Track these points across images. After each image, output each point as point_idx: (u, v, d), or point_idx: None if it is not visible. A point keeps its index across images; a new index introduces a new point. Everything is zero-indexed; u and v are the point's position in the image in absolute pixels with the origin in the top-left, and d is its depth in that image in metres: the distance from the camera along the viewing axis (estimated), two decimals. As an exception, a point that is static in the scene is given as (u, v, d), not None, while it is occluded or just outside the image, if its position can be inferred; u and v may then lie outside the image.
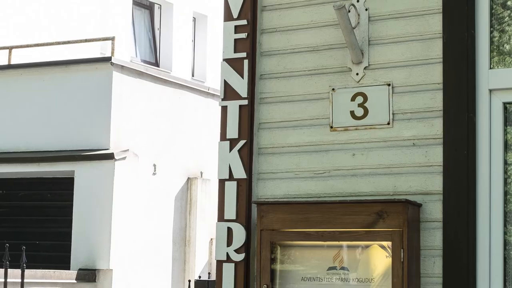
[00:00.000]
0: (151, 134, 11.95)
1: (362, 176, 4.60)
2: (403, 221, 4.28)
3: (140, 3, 17.50)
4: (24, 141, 11.80)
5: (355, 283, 4.40)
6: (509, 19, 4.48)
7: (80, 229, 11.21)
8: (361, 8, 4.67)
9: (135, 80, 11.83)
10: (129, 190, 11.34)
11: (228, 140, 4.87)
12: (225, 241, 4.78)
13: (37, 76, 11.98)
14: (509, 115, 4.43)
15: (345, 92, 4.67)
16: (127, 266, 11.23)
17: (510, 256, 4.35)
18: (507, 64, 4.47)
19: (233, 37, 4.92)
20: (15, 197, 12.14)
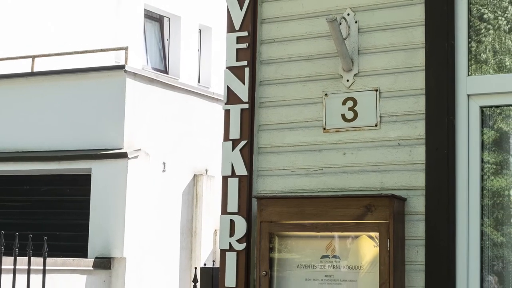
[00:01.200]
0: (161, 135, 11.95)
1: (352, 173, 4.60)
2: (389, 214, 4.28)
3: (151, 16, 17.49)
4: (45, 142, 11.79)
5: (346, 270, 4.39)
6: (485, 31, 4.48)
7: (96, 221, 11.21)
8: (351, 20, 4.67)
9: (146, 86, 11.83)
10: (140, 186, 11.34)
11: (231, 141, 4.87)
12: (228, 232, 4.78)
13: (57, 83, 11.98)
14: (485, 118, 4.43)
15: (337, 97, 4.67)
16: (139, 254, 11.22)
17: (486, 245, 4.35)
18: (483, 72, 4.47)
19: (235, 47, 4.92)
20: (37, 192, 12.14)
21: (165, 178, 11.95)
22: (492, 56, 4.47)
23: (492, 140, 4.42)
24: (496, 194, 4.38)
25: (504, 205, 4.37)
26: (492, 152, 4.41)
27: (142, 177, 11.40)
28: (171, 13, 17.68)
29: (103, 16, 16.08)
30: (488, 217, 4.36)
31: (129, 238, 11.10)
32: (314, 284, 4.45)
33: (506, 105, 4.40)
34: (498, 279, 4.34)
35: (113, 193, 11.14)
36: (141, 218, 11.31)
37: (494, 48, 4.47)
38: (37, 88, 12.08)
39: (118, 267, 11.04)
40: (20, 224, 11.60)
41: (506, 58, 4.45)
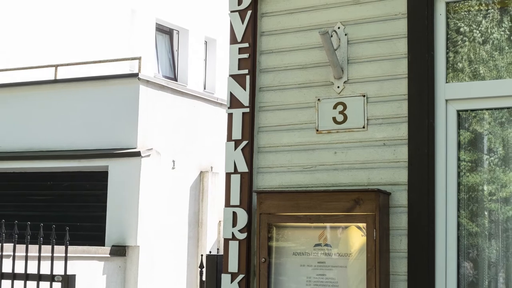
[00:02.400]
0: (170, 135, 11.95)
1: (342, 170, 4.60)
2: (375, 206, 4.28)
3: (161, 29, 17.50)
4: (67, 142, 11.79)
5: (337, 257, 4.39)
6: (461, 43, 4.49)
7: (112, 213, 11.21)
8: (341, 33, 4.67)
9: (158, 92, 11.83)
10: (152, 182, 11.34)
11: (233, 141, 4.87)
12: (231, 223, 4.79)
13: (78, 89, 11.98)
14: (461, 120, 4.43)
15: (328, 102, 4.68)
16: (151, 243, 11.22)
17: (462, 235, 4.35)
18: (460, 79, 4.47)
19: (237, 57, 4.92)
20: (60, 187, 12.15)
21: (174, 174, 11.95)
22: (467, 65, 4.48)
23: (468, 141, 4.42)
24: (471, 189, 4.38)
25: (479, 199, 4.37)
26: (467, 151, 4.41)
27: (153, 174, 11.40)
28: (180, 26, 17.68)
29: (119, 29, 16.09)
30: (464, 209, 4.37)
31: (142, 228, 11.11)
32: (308, 269, 4.45)
33: (480, 109, 4.41)
34: (473, 265, 4.34)
35: (127, 188, 11.14)
36: (152, 210, 11.31)
37: (469, 58, 4.47)
38: (60, 94, 12.08)
39: (132, 254, 11.05)
40: (45, 216, 11.61)
41: (480, 67, 4.45)
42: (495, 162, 4.37)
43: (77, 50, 14.83)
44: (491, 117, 4.40)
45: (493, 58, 4.42)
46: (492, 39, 4.44)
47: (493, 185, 4.35)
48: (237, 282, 4.71)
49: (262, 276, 4.51)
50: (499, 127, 4.39)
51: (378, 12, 4.59)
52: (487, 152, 4.40)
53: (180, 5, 17.52)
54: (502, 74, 4.39)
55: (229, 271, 4.74)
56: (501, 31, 4.42)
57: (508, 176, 4.32)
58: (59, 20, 14.96)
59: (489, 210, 4.35)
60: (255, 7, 4.91)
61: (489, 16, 4.45)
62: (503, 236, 4.30)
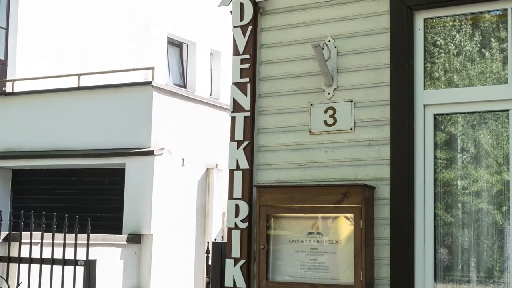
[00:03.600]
0: (180, 136, 11.94)
1: (332, 167, 4.60)
2: (361, 199, 4.29)
3: (172, 42, 17.50)
4: (88, 142, 11.79)
5: (327, 244, 4.40)
6: (438, 54, 4.49)
7: (129, 205, 11.21)
8: (332, 46, 4.67)
9: (169, 98, 11.83)
10: (164, 177, 11.34)
11: (236, 141, 4.87)
12: (234, 214, 4.79)
13: (98, 95, 11.98)
14: (438, 123, 4.43)
15: (320, 107, 4.68)
16: (163, 231, 11.22)
17: (439, 224, 4.36)
18: (436, 87, 4.47)
19: (239, 67, 4.92)
20: (82, 182, 12.14)
21: (183, 171, 11.95)
22: (443, 74, 4.48)
23: (443, 141, 4.42)
24: (446, 183, 4.39)
25: (453, 192, 4.38)
26: (443, 151, 4.41)
27: (165, 170, 11.40)
28: (189, 40, 17.69)
29: (134, 42, 16.09)
30: (440, 202, 4.37)
31: (155, 218, 11.11)
32: (302, 255, 4.45)
33: (454, 113, 4.41)
34: (448, 251, 4.34)
35: (142, 183, 11.14)
36: (164, 202, 11.31)
37: (445, 68, 4.47)
38: (82, 100, 12.08)
39: (146, 241, 11.04)
40: (69, 207, 11.60)
41: (454, 76, 4.45)
42: (468, 160, 4.37)
43: (98, 61, 14.84)
44: (464, 120, 4.40)
45: (465, 68, 4.42)
46: (465, 51, 4.44)
47: (465, 181, 4.36)
48: (239, 266, 4.71)
49: (261, 261, 4.52)
50: (471, 129, 4.39)
51: (364, 27, 4.59)
52: (461, 151, 4.41)
53: (188, 21, 17.55)
54: (474, 82, 4.39)
55: (232, 257, 4.75)
56: (473, 44, 4.42)
57: (479, 173, 4.32)
58: (82, 34, 14.98)
59: (462, 202, 4.35)
60: (255, 23, 4.91)
61: (462, 31, 4.45)
62: (475, 226, 4.30)
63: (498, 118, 4.30)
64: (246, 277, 4.69)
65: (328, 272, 4.35)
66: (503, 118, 4.28)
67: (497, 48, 4.35)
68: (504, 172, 4.24)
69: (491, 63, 4.36)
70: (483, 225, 4.28)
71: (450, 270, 4.31)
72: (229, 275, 4.73)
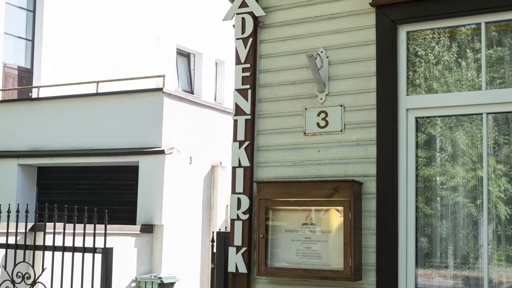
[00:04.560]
0: (188, 137, 11.94)
1: (324, 165, 4.60)
2: (350, 193, 4.28)
3: (181, 53, 17.51)
4: (106, 142, 11.79)
5: (320, 233, 4.40)
6: (419, 64, 4.49)
7: (142, 198, 11.21)
8: (324, 56, 4.67)
9: (178, 103, 11.83)
10: (174, 174, 11.34)
11: (238, 141, 4.87)
12: (236, 206, 4.78)
13: (114, 100, 11.98)
14: (419, 125, 4.43)
15: (313, 110, 4.67)
16: (173, 222, 11.22)
17: (419, 216, 4.35)
18: (418, 92, 4.47)
19: (241, 75, 4.92)
20: (100, 178, 12.14)
21: (191, 168, 11.95)
22: (424, 81, 4.48)
23: (424, 141, 4.42)
24: (426, 179, 4.38)
25: (432, 187, 4.37)
26: (423, 150, 4.41)
27: (174, 168, 11.40)
28: (196, 50, 17.70)
29: (147, 53, 16.09)
30: (421, 195, 4.37)
31: (166, 211, 11.11)
32: (297, 243, 4.45)
33: (434, 116, 4.41)
34: (428, 240, 4.34)
35: (154, 179, 11.14)
36: (174, 196, 11.31)
37: (425, 76, 4.47)
38: (100, 104, 12.08)
39: (158, 231, 11.04)
40: (88, 201, 11.60)
41: (433, 83, 4.45)
42: (445, 158, 4.37)
43: (114, 69, 14.85)
44: (442, 123, 4.40)
45: (444, 76, 4.42)
46: (443, 60, 4.44)
47: (443, 177, 4.35)
48: (241, 253, 4.71)
49: (260, 249, 4.52)
50: (448, 130, 4.39)
51: (353, 39, 4.59)
52: (439, 151, 4.40)
53: (195, 34, 17.55)
54: (451, 88, 4.39)
55: (235, 245, 4.74)
56: (450, 54, 4.42)
57: (456, 170, 4.32)
58: (100, 46, 14.98)
59: (440, 196, 4.35)
60: (255, 36, 4.91)
61: (440, 43, 4.45)
62: (452, 217, 4.30)
63: (473, 121, 4.30)
64: (247, 263, 4.69)
65: (321, 258, 4.35)
66: (477, 121, 4.28)
67: (472, 58, 4.35)
68: (478, 169, 4.24)
69: (466, 72, 4.36)
70: (460, 217, 4.27)
71: (430, 257, 4.31)
72: (232, 262, 4.73)
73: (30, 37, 13.91)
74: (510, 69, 4.24)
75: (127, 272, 10.57)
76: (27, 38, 13.88)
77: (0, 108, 12.84)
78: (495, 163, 4.21)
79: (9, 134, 12.67)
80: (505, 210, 4.15)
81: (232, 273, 4.73)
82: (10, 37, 13.51)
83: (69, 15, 14.42)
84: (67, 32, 14.32)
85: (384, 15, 4.47)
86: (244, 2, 4.92)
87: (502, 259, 4.11)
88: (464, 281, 4.20)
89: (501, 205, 4.16)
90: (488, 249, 4.14)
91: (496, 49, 4.29)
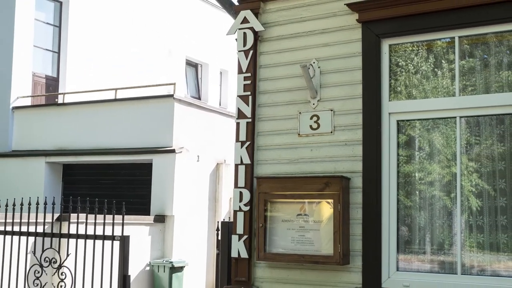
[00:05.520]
0: (196, 138, 11.94)
1: (316, 162, 4.60)
2: (340, 188, 4.29)
3: (189, 63, 17.50)
4: (123, 142, 11.78)
5: (312, 223, 4.40)
6: (399, 73, 4.49)
7: (155, 192, 11.20)
8: (316, 66, 4.68)
9: (187, 107, 11.82)
10: (183, 170, 11.34)
11: (240, 142, 4.87)
12: (238, 199, 4.79)
13: (131, 105, 11.98)
14: (400, 127, 4.43)
15: (307, 114, 4.68)
16: (182, 213, 11.22)
17: (400, 207, 4.36)
18: (399, 98, 4.47)
19: (243, 83, 4.92)
20: (119, 174, 12.14)
21: (198, 165, 11.95)
22: (404, 88, 4.48)
23: (404, 142, 4.43)
24: (406, 175, 4.39)
25: (411, 182, 4.38)
26: (404, 149, 4.42)
27: (184, 165, 11.39)
28: (203, 61, 17.69)
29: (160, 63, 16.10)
30: (401, 190, 4.37)
31: (176, 203, 11.10)
32: (292, 232, 4.45)
33: (413, 119, 4.41)
34: (408, 229, 4.34)
35: (166, 174, 11.14)
36: (183, 190, 11.30)
37: (405, 84, 4.47)
38: (119, 109, 12.08)
39: (169, 221, 11.04)
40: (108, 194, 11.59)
41: (413, 90, 4.46)
42: (423, 156, 4.38)
43: (131, 78, 14.85)
44: (421, 125, 4.41)
45: (422, 83, 4.43)
46: (421, 70, 4.44)
47: (421, 173, 4.36)
48: (242, 240, 4.71)
49: (260, 237, 4.52)
50: (426, 132, 4.39)
51: (341, 51, 4.59)
52: (418, 150, 4.41)
53: (202, 47, 17.56)
54: (428, 95, 4.40)
55: (237, 233, 4.75)
56: (428, 65, 4.43)
57: (433, 167, 4.33)
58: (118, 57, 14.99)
59: (419, 190, 4.35)
60: (255, 48, 4.91)
61: (419, 54, 4.46)
62: (429, 209, 4.30)
63: (448, 123, 4.31)
64: (248, 249, 4.69)
65: (313, 245, 4.36)
66: (452, 123, 4.29)
67: (446, 68, 4.35)
68: (452, 166, 4.25)
69: (442, 80, 4.36)
70: (436, 208, 4.28)
71: (409, 244, 4.31)
72: (235, 248, 4.74)
73: (56, 49, 13.93)
74: (480, 77, 4.25)
75: (142, 257, 10.57)
76: (54, 50, 13.90)
77: (30, 112, 12.86)
78: (467, 161, 4.22)
79: (38, 135, 12.69)
80: (476, 203, 4.15)
81: (235, 258, 4.74)
82: (38, 50, 13.53)
83: (90, 30, 14.43)
84: (88, 45, 14.34)
85: (369, 30, 4.47)
86: (246, 18, 4.93)
87: (474, 245, 4.12)
88: (440, 265, 4.21)
89: (472, 198, 4.17)
90: (461, 237, 4.14)
91: (468, 60, 4.30)
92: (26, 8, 13.10)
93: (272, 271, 4.62)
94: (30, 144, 12.74)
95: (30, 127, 12.78)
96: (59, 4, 13.96)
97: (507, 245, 4.03)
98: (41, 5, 13.56)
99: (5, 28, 12.97)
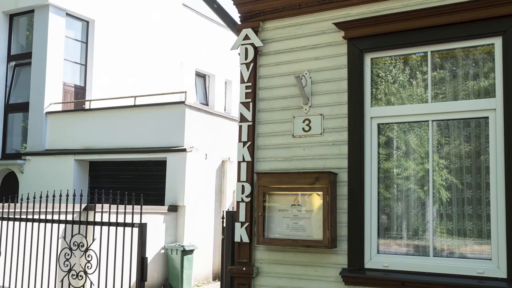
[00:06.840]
0: (204, 138, 11.94)
1: (308, 160, 4.60)
2: (328, 182, 4.29)
3: (199, 74, 17.49)
4: (141, 142, 11.79)
5: (305, 212, 4.40)
6: (380, 82, 4.49)
7: (169, 186, 11.21)
8: (308, 77, 4.68)
9: (196, 112, 11.83)
10: (193, 167, 11.34)
11: (242, 142, 4.87)
12: (241, 192, 4.79)
13: (148, 111, 11.98)
14: (380, 129, 4.43)
15: (300, 118, 4.68)
16: (192, 203, 11.22)
17: (381, 199, 4.36)
18: (379, 105, 4.47)
19: (244, 91, 4.92)
20: (137, 169, 12.15)
21: (206, 162, 11.95)
22: (384, 96, 4.48)
23: (384, 142, 4.43)
24: (386, 171, 4.39)
25: (390, 177, 4.38)
26: (384, 148, 4.42)
27: (194, 162, 11.39)
28: (210, 72, 17.68)
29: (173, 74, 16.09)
30: (382, 183, 4.37)
31: (187, 195, 11.10)
32: (287, 220, 4.45)
33: (391, 123, 4.41)
34: (387, 217, 4.35)
35: (178, 170, 11.14)
36: (193, 184, 11.30)
37: (385, 92, 4.48)
38: (137, 114, 12.08)
39: (181, 210, 11.04)
40: (128, 187, 11.60)
41: (391, 97, 4.46)
42: (400, 154, 4.38)
43: (148, 87, 14.84)
44: (398, 128, 4.41)
45: (399, 92, 4.43)
46: (399, 80, 4.44)
47: (399, 169, 4.36)
48: (244, 227, 4.72)
49: (259, 224, 4.52)
50: (402, 133, 4.39)
51: (330, 64, 4.59)
52: (395, 149, 4.41)
53: (210, 60, 17.55)
54: (405, 101, 4.40)
55: (240, 221, 4.75)
56: (404, 75, 4.43)
57: (408, 163, 4.33)
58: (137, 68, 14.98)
59: (396, 184, 4.36)
60: (255, 61, 4.91)
61: (397, 66, 4.46)
62: (405, 200, 4.31)
63: (421, 126, 4.31)
64: (249, 235, 4.70)
65: (305, 231, 4.36)
66: (425, 126, 4.29)
67: (420, 78, 4.36)
68: (425, 163, 4.25)
69: (416, 89, 4.37)
70: (411, 200, 4.28)
71: (388, 230, 4.32)
72: (238, 234, 4.74)
73: (83, 62, 13.94)
74: (450, 87, 4.26)
75: (157, 242, 10.57)
76: (81, 63, 13.91)
77: (61, 117, 12.87)
78: (438, 158, 4.22)
79: (68, 136, 12.69)
80: (446, 195, 4.16)
81: (238, 242, 4.74)
82: (68, 63, 13.54)
83: (113, 45, 14.44)
84: (111, 58, 14.34)
85: (353, 45, 4.48)
86: (247, 35, 4.93)
87: (444, 232, 4.12)
88: (415, 248, 4.21)
89: (443, 191, 4.17)
90: (433, 224, 4.15)
91: (439, 71, 4.30)
92: (58, 27, 13.13)
93: (270, 253, 4.62)
94: (61, 144, 12.75)
95: (61, 130, 12.79)
96: (86, 23, 13.99)
97: (472, 231, 4.04)
98: (71, 24, 13.59)
99: (39, 45, 12.99)
